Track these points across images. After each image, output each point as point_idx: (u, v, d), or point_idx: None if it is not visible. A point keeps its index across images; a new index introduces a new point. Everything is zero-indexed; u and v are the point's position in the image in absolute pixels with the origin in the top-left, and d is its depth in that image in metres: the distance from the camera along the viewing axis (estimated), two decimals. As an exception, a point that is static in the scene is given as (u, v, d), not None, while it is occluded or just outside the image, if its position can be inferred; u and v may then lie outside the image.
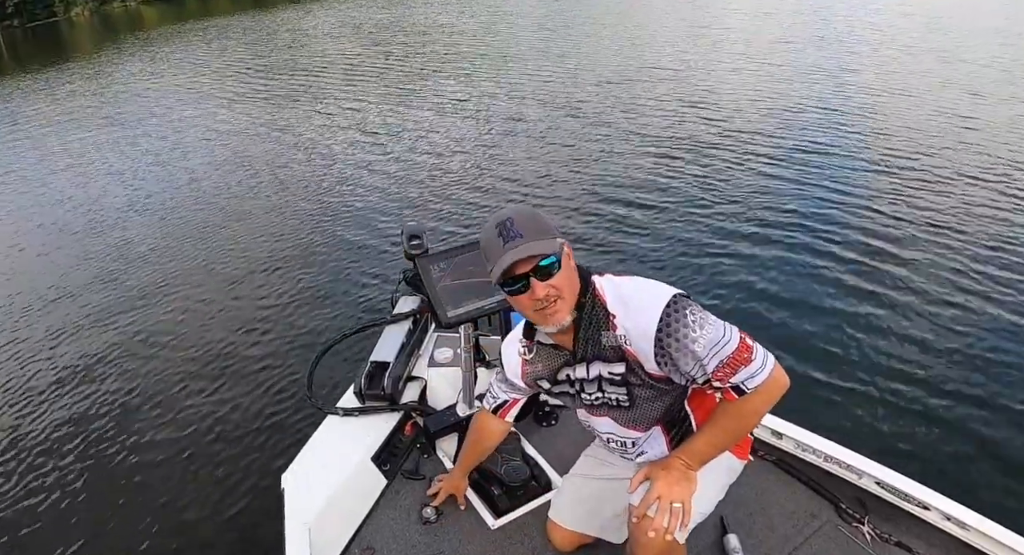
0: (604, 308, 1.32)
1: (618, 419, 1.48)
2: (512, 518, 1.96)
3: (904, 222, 4.87)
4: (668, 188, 5.92)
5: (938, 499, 1.73)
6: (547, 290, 1.24)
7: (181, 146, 9.29)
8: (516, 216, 1.24)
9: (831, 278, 4.22)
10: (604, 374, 1.38)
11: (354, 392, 2.24)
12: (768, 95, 8.64)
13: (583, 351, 1.37)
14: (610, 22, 16.31)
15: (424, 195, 6.38)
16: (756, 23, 14.69)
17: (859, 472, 1.87)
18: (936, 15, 13.92)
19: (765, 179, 5.91)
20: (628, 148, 7.12)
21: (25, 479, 3.31)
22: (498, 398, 1.71)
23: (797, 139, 6.88)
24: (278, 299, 4.74)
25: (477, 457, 1.91)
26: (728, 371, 1.23)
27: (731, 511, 1.87)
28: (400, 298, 2.54)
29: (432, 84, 11.31)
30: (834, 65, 10.09)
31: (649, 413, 1.43)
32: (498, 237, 1.23)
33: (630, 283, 1.35)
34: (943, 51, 10.53)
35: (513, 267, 1.21)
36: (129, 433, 3.54)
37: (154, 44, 23.15)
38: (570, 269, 1.28)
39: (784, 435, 2.01)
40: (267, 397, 3.66)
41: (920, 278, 4.12)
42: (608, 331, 1.32)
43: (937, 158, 6.09)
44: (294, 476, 1.97)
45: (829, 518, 1.84)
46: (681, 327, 1.22)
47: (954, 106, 7.64)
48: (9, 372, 4.30)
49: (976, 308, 3.77)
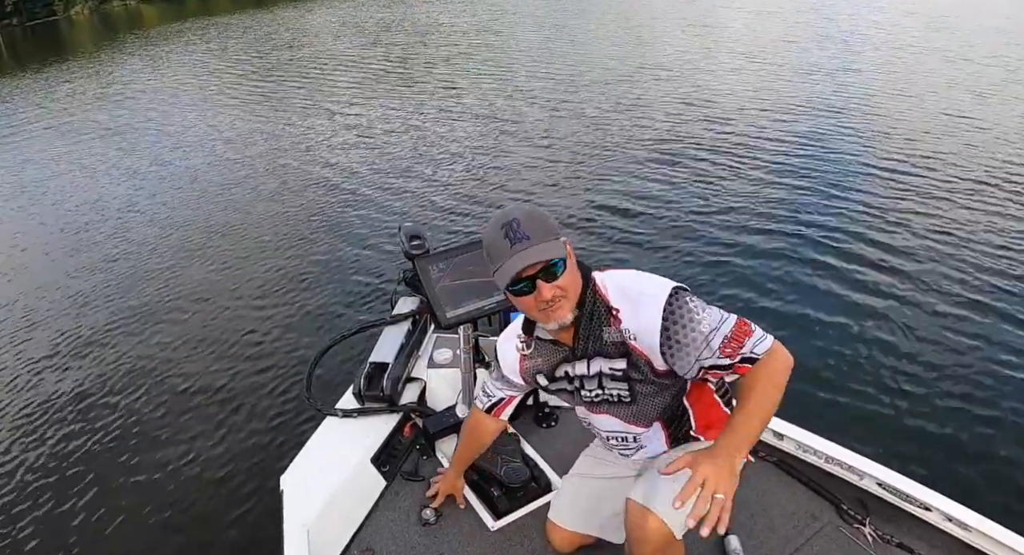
0: (606, 304, 1.33)
1: (618, 415, 1.48)
2: (512, 519, 1.96)
3: (910, 224, 4.87)
4: (671, 186, 5.92)
5: (940, 500, 1.73)
6: (553, 291, 1.25)
7: (181, 146, 9.30)
8: (522, 217, 1.24)
9: (833, 278, 4.22)
10: (605, 370, 1.39)
11: (353, 393, 2.24)
12: (770, 94, 8.65)
13: (584, 347, 1.38)
14: (611, 21, 16.33)
15: (424, 194, 6.38)
16: (758, 22, 14.71)
17: (860, 473, 1.87)
18: (940, 14, 13.92)
19: (767, 177, 5.92)
20: (631, 146, 7.12)
21: (24, 480, 3.32)
22: (492, 397, 1.71)
23: (800, 139, 6.89)
24: (277, 299, 4.75)
25: (471, 456, 1.92)
26: (735, 346, 1.24)
27: (732, 512, 1.87)
28: (399, 299, 2.55)
29: (433, 83, 11.32)
30: (837, 64, 10.11)
31: (649, 409, 1.44)
32: (504, 238, 1.22)
33: (631, 278, 1.36)
34: (947, 50, 10.54)
35: (521, 270, 1.22)
36: (126, 434, 3.54)
37: (154, 43, 23.17)
38: (573, 267, 1.30)
39: (785, 436, 2.02)
40: (266, 398, 3.67)
41: (924, 279, 4.12)
42: (610, 327, 1.33)
43: (943, 159, 6.07)
44: (293, 477, 1.97)
45: (830, 519, 1.85)
46: (685, 312, 1.25)
47: (959, 106, 7.64)
48: (6, 372, 4.31)
49: (980, 310, 3.77)
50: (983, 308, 3.78)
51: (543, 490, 2.05)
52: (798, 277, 4.27)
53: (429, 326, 2.58)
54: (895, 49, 10.99)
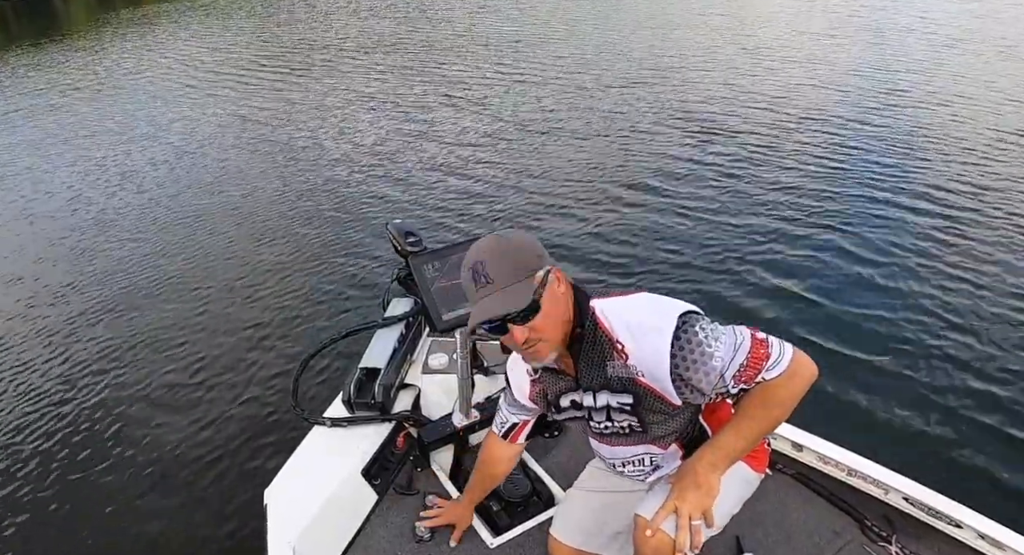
0: (609, 338, 1.30)
1: (631, 443, 1.47)
2: (512, 536, 1.94)
3: (957, 225, 4.81)
4: (690, 185, 5.92)
5: (972, 516, 1.71)
6: (526, 334, 1.23)
7: (173, 134, 9.23)
8: (489, 258, 1.23)
9: (861, 280, 4.22)
10: (612, 404, 1.38)
11: (342, 401, 2.22)
12: (807, 91, 8.56)
13: (588, 380, 1.37)
14: (638, 10, 16.19)
15: (425, 193, 6.34)
16: (800, 16, 14.40)
17: (885, 487, 1.85)
18: (996, 8, 13.54)
19: (795, 176, 5.92)
20: (646, 144, 7.11)
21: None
22: (507, 421, 1.69)
23: (841, 139, 6.74)
24: (262, 300, 4.73)
25: (488, 487, 1.89)
26: (751, 373, 1.22)
27: (747, 529, 1.85)
28: (392, 299, 2.53)
29: (439, 74, 11.24)
30: (879, 60, 9.84)
31: (664, 433, 1.42)
32: (471, 281, 1.24)
33: (635, 306, 1.32)
34: (1007, 46, 10.26)
35: (481, 321, 1.23)
36: (99, 445, 3.52)
37: (151, 20, 23.17)
38: (556, 301, 1.26)
39: (804, 447, 2.00)
40: (249, 406, 3.65)
41: (960, 284, 4.10)
42: (615, 361, 1.30)
43: (996, 162, 5.94)
44: (277, 491, 1.95)
45: (853, 537, 1.83)
46: (695, 346, 1.22)
47: (1016, 102, 7.48)
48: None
49: (1021, 317, 3.75)
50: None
51: (545, 504, 2.03)
52: (825, 278, 4.28)
53: (424, 329, 2.56)
54: (949, 43, 10.67)
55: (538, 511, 2.00)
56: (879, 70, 9.27)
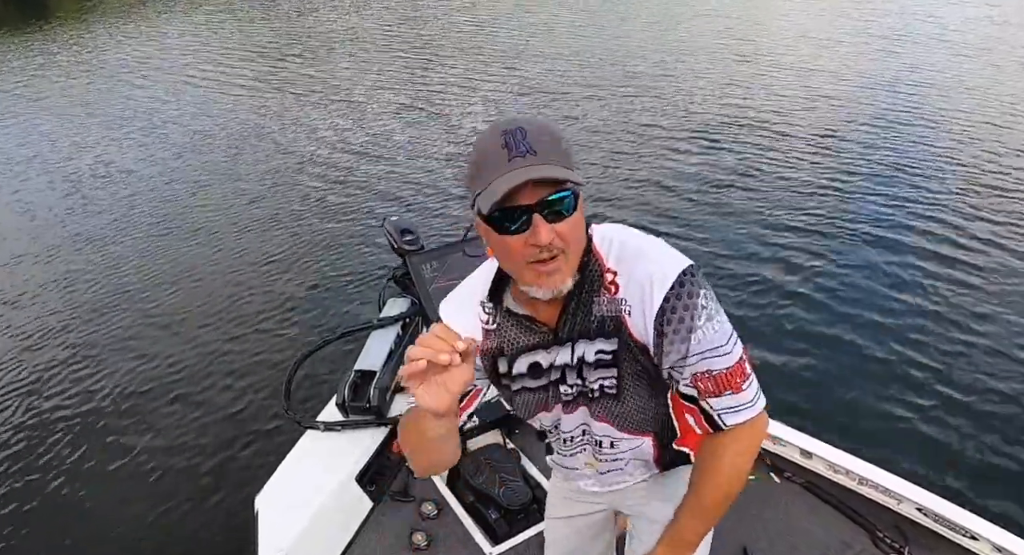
0: (601, 265, 1.09)
1: (600, 414, 1.20)
2: (511, 545, 1.93)
3: (978, 234, 4.77)
4: (694, 187, 5.92)
5: (988, 528, 1.70)
6: (552, 237, 0.97)
7: (161, 124, 9.22)
8: (529, 127, 0.97)
9: (874, 286, 4.21)
10: (589, 357, 1.13)
11: (336, 404, 2.22)
12: (821, 100, 8.50)
13: (570, 328, 1.11)
14: (649, 8, 16.14)
15: (424, 193, 6.33)
16: (821, 18, 14.27)
17: (898, 497, 1.84)
18: (1013, 13, 13.43)
19: (805, 176, 5.92)
20: (646, 144, 7.11)
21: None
22: None
23: (861, 145, 6.69)
24: (253, 299, 4.72)
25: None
26: (711, 386, 1.07)
27: (754, 539, 1.85)
28: (388, 299, 2.53)
29: (440, 71, 11.22)
30: (894, 66, 9.59)
31: (639, 413, 1.20)
32: (502, 148, 0.96)
33: (637, 236, 1.13)
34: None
35: (517, 193, 0.95)
36: (86, 451, 3.51)
37: (145, 5, 23.14)
38: (581, 218, 1.03)
39: (814, 455, 1.99)
40: (239, 409, 3.64)
41: (978, 293, 4.07)
42: (601, 297, 1.09)
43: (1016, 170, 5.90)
44: (269, 498, 1.94)
45: (864, 547, 1.82)
46: (687, 305, 1.04)
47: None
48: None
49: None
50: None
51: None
52: (840, 281, 4.26)
53: (421, 330, 2.55)
54: (966, 55, 10.53)
55: (537, 520, 1.99)
56: (895, 79, 9.10)
